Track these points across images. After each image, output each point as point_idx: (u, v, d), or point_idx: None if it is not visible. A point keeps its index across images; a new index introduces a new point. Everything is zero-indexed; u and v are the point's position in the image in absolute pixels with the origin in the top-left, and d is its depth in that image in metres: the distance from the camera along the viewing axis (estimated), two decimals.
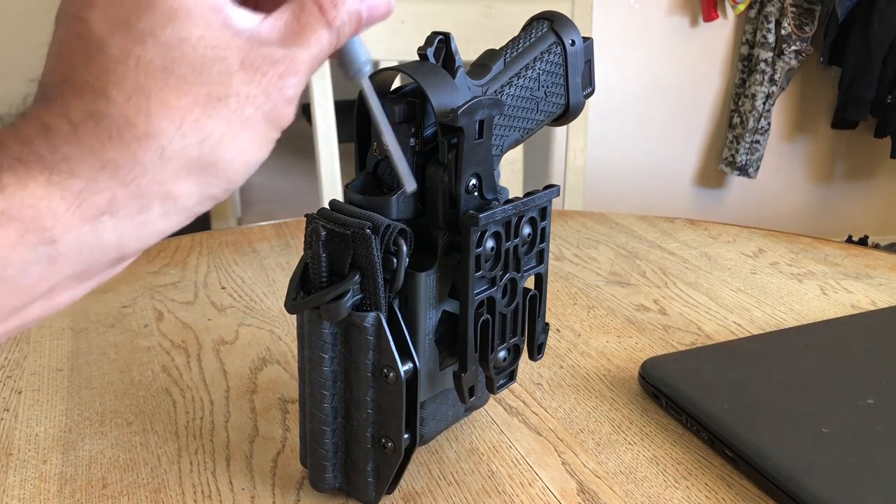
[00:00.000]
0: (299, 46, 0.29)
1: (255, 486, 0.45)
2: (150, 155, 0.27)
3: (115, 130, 0.26)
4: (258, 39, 0.29)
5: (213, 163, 0.28)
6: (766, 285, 0.73)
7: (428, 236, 0.40)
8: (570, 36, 0.45)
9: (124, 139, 0.26)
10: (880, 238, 2.78)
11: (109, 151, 0.26)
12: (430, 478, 0.45)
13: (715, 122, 2.50)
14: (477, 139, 0.39)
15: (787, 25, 2.28)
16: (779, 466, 0.43)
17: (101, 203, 0.27)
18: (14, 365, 0.58)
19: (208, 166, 0.28)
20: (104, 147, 0.26)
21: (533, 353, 0.46)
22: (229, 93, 0.28)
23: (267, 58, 0.29)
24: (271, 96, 0.29)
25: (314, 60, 0.30)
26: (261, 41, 0.29)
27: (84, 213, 0.26)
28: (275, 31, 0.29)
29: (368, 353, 0.39)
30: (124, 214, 0.27)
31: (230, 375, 0.57)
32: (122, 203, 0.27)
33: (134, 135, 0.27)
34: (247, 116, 0.28)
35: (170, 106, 0.27)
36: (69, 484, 0.45)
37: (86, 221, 0.27)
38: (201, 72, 0.27)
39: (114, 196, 0.27)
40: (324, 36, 0.30)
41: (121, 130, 0.26)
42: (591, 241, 0.85)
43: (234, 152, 0.29)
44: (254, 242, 0.83)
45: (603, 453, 0.48)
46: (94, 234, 0.27)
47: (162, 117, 0.27)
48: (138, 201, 0.27)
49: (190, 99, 0.27)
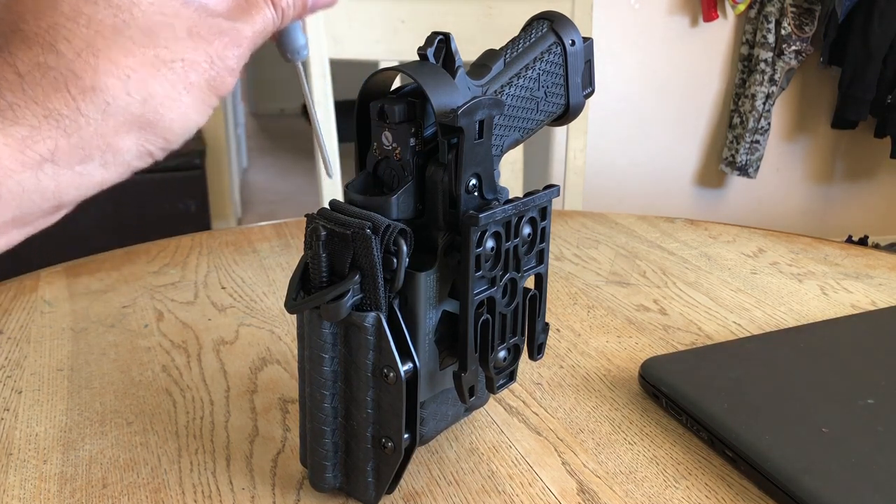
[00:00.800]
0: (244, 21, 0.31)
1: (255, 486, 0.45)
2: (94, 108, 0.28)
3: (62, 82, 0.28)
4: (206, 10, 0.30)
5: (155, 121, 0.30)
6: (766, 285, 0.73)
7: (428, 236, 0.40)
8: (570, 36, 0.45)
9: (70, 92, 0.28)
10: (880, 238, 2.78)
11: (54, 102, 0.28)
12: (430, 478, 0.45)
13: (715, 122, 2.50)
14: (477, 139, 0.39)
15: (787, 25, 2.28)
16: (779, 466, 0.43)
17: (44, 151, 0.28)
18: (14, 365, 0.58)
19: (149, 124, 0.29)
20: (49, 97, 0.27)
21: (533, 353, 0.46)
22: (175, 57, 0.29)
23: (213, 28, 0.30)
24: (215, 65, 0.30)
25: (257, 36, 0.32)
26: (209, 12, 0.30)
27: (26, 159, 0.27)
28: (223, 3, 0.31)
29: (368, 353, 0.39)
30: (65, 163, 0.28)
31: (230, 375, 0.57)
32: (63, 152, 0.28)
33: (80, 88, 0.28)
34: (190, 81, 0.30)
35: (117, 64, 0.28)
36: (69, 484, 0.45)
37: (27, 168, 0.28)
38: (149, 35, 0.29)
39: (56, 145, 0.28)
40: (268, 15, 0.32)
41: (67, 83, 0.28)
42: (591, 241, 0.85)
43: (176, 114, 0.30)
44: (254, 242, 0.83)
45: (603, 453, 0.48)
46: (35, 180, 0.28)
47: (109, 74, 0.28)
48: (80, 152, 0.28)
49: (137, 59, 0.29)
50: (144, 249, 0.80)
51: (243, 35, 0.31)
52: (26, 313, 0.66)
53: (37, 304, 0.68)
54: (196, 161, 2.20)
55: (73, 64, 0.28)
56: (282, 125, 4.67)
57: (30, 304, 0.68)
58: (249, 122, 4.59)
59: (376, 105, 0.40)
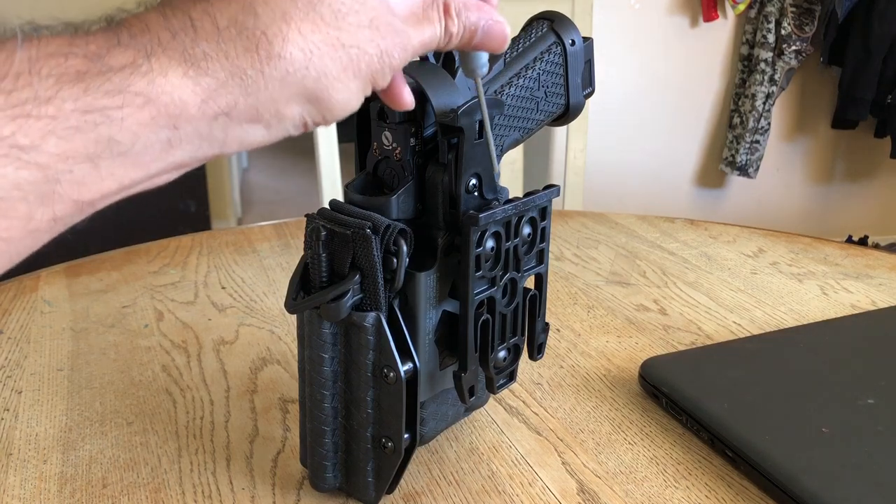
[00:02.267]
0: (415, 29, 0.33)
1: (255, 486, 0.45)
2: (277, 75, 0.29)
3: (254, 44, 0.29)
4: (388, 7, 0.32)
5: (322, 98, 0.31)
6: (766, 285, 0.73)
7: (428, 236, 0.40)
8: (570, 36, 0.45)
9: (259, 54, 0.29)
10: (880, 238, 2.78)
11: (243, 61, 0.29)
12: (430, 478, 0.45)
13: (715, 122, 2.50)
14: (477, 139, 0.39)
15: (787, 25, 2.28)
16: (779, 466, 0.43)
17: (223, 104, 0.29)
18: (14, 365, 0.58)
19: (317, 99, 0.31)
20: (240, 56, 0.29)
21: (533, 353, 0.46)
22: (354, 43, 0.31)
23: (390, 25, 0.32)
24: (383, 59, 0.32)
25: (421, 47, 0.34)
26: (389, 9, 0.32)
27: (207, 109, 0.29)
28: (403, 7, 0.33)
29: (368, 353, 0.39)
30: (238, 120, 0.30)
31: (230, 375, 0.57)
32: (240, 110, 0.29)
33: (268, 53, 0.29)
34: (360, 68, 0.31)
35: (305, 37, 0.30)
36: (69, 484, 0.45)
37: (206, 117, 0.29)
38: (338, 16, 0.30)
39: (235, 101, 0.29)
40: (438, 32, 0.34)
41: (258, 45, 0.29)
42: (591, 241, 0.85)
43: (342, 95, 0.31)
44: (254, 242, 0.83)
45: (603, 453, 0.48)
46: (209, 129, 0.29)
47: (296, 45, 0.29)
48: (253, 111, 0.30)
49: (322, 36, 0.30)
50: (144, 249, 0.80)
51: (411, 41, 0.33)
52: (26, 313, 0.66)
53: (37, 304, 0.68)
54: None
55: (268, 28, 0.29)
56: None
57: (30, 304, 0.68)
58: None
59: (376, 105, 0.40)
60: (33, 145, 0.26)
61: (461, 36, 0.35)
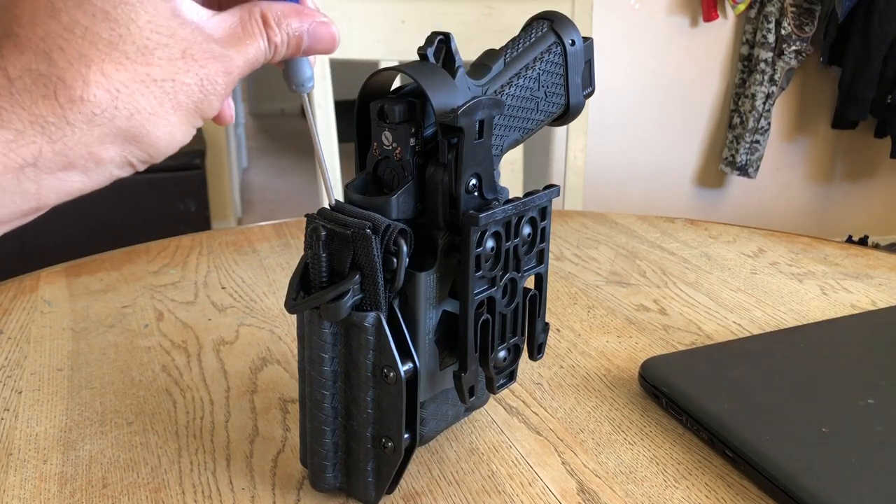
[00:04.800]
0: (237, 50, 0.32)
1: (255, 486, 0.45)
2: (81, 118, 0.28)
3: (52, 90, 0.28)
4: (202, 34, 0.31)
5: (140, 136, 0.30)
6: (766, 285, 0.73)
7: (428, 236, 0.40)
8: (570, 36, 0.45)
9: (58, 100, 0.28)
10: (880, 238, 2.78)
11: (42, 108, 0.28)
12: (430, 478, 0.45)
13: (715, 122, 2.50)
14: (477, 139, 0.39)
15: (787, 25, 2.28)
16: (779, 466, 0.43)
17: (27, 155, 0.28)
18: (14, 365, 0.58)
19: (134, 138, 0.30)
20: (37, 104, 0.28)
21: (533, 353, 0.46)
22: (166, 77, 0.30)
23: (207, 52, 0.31)
24: (204, 88, 0.31)
25: (247, 66, 0.33)
26: (204, 36, 0.31)
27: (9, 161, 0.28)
28: (219, 30, 0.32)
29: (368, 353, 0.39)
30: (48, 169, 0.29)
31: (230, 375, 0.57)
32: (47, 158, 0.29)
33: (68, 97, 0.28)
34: (178, 101, 0.30)
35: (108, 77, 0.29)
36: (69, 484, 0.45)
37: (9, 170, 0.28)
38: (144, 52, 0.29)
39: (40, 150, 0.28)
40: (261, 47, 0.33)
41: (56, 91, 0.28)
42: (591, 241, 0.85)
43: (161, 131, 0.30)
44: (254, 242, 0.83)
45: (603, 453, 0.48)
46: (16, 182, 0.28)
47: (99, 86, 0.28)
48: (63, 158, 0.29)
49: (129, 74, 0.29)
50: (144, 249, 0.80)
51: (234, 63, 0.32)
52: (26, 313, 0.66)
53: (37, 304, 0.68)
54: (196, 161, 2.20)
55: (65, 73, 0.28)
56: (282, 125, 4.67)
57: (30, 304, 0.68)
58: (249, 122, 4.59)
59: (376, 105, 0.40)
60: None
61: (287, 45, 0.34)
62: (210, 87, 0.31)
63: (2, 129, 0.27)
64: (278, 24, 0.33)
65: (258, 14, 0.33)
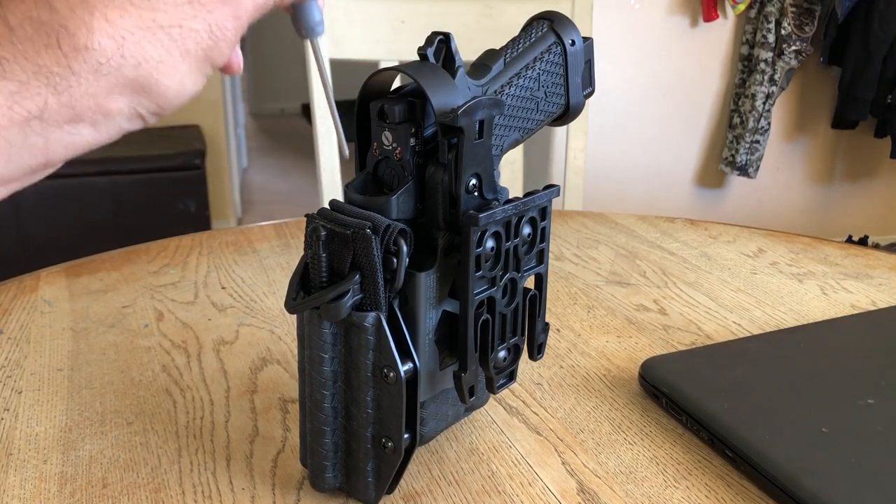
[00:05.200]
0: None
1: (255, 486, 0.45)
2: (87, 68, 0.27)
3: (54, 39, 0.27)
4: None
5: (148, 86, 0.29)
6: (766, 285, 0.73)
7: (428, 236, 0.40)
8: (570, 36, 0.45)
9: (62, 48, 0.27)
10: (880, 238, 2.78)
11: (45, 58, 0.27)
12: (430, 478, 0.45)
13: (715, 122, 2.50)
14: (477, 139, 0.39)
15: (787, 25, 2.28)
16: (779, 466, 0.43)
17: (32, 107, 0.27)
18: (14, 365, 0.58)
19: (143, 89, 0.29)
20: (39, 53, 0.27)
21: (533, 353, 0.46)
22: (173, 23, 0.28)
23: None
24: (213, 34, 0.30)
25: (256, 10, 0.31)
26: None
27: (14, 114, 0.27)
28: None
29: (368, 353, 0.39)
30: (54, 121, 0.28)
31: (230, 375, 0.57)
32: (53, 110, 0.27)
33: (72, 45, 0.27)
34: (187, 48, 0.29)
35: (113, 24, 0.27)
36: (69, 484, 0.45)
37: (14, 123, 0.27)
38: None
39: (45, 102, 0.27)
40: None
41: (59, 39, 0.27)
42: (591, 241, 0.85)
43: (171, 80, 0.29)
44: (254, 242, 0.83)
45: (603, 453, 0.48)
46: (22, 136, 0.27)
47: (103, 34, 0.27)
48: (69, 110, 0.28)
49: (134, 21, 0.28)
50: (144, 249, 0.80)
51: (243, 7, 0.31)
52: (26, 313, 0.66)
53: (37, 304, 0.68)
54: (196, 161, 2.20)
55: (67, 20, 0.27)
56: (282, 125, 4.67)
57: (30, 304, 0.68)
58: (249, 122, 4.59)
59: (376, 105, 0.40)
60: None
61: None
62: (219, 33, 0.30)
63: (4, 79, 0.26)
64: None
65: None
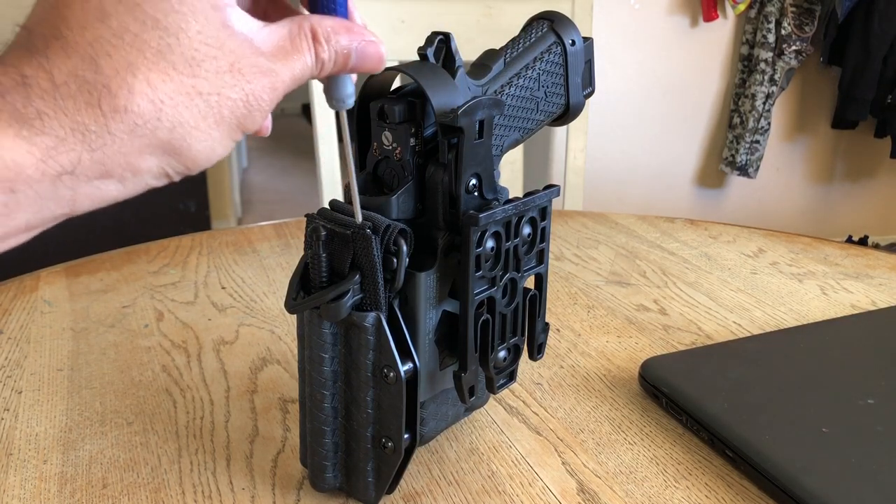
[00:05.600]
0: (284, 64, 0.31)
1: (255, 486, 0.45)
2: (123, 128, 0.28)
3: (96, 98, 0.27)
4: (251, 47, 0.30)
5: (180, 149, 0.29)
6: (766, 285, 0.73)
7: (428, 236, 0.40)
8: (570, 36, 0.45)
9: (101, 108, 0.27)
10: (880, 238, 2.78)
11: (84, 116, 0.27)
12: (430, 478, 0.45)
13: (715, 122, 2.50)
14: (477, 139, 0.39)
15: (787, 25, 2.28)
16: (779, 466, 0.43)
17: (66, 163, 0.27)
18: (14, 365, 0.58)
19: (174, 151, 0.29)
20: (80, 111, 0.27)
21: (533, 353, 0.46)
22: (212, 90, 0.29)
23: (255, 67, 0.30)
24: (249, 104, 0.30)
25: (293, 82, 0.32)
26: (253, 49, 0.30)
27: (48, 168, 0.27)
28: (268, 43, 0.31)
29: (368, 353, 0.39)
30: (85, 177, 0.28)
31: (230, 375, 0.57)
32: (85, 166, 0.28)
33: (112, 106, 0.27)
34: (222, 116, 0.30)
35: (154, 87, 0.28)
36: (69, 484, 0.45)
37: (47, 177, 0.27)
38: (192, 64, 0.28)
39: (79, 158, 0.28)
40: (308, 63, 0.32)
41: (100, 99, 0.27)
42: (591, 241, 0.85)
43: (202, 145, 0.30)
44: (254, 242, 0.83)
45: (603, 453, 0.48)
46: (53, 188, 0.28)
47: (143, 97, 0.28)
48: (101, 167, 0.28)
49: (174, 86, 0.28)
50: (144, 249, 0.80)
51: (281, 79, 0.31)
52: (26, 313, 0.66)
53: (37, 304, 0.68)
54: None
55: (111, 81, 0.27)
56: (282, 125, 4.67)
57: (30, 304, 0.68)
58: None
59: (376, 105, 0.40)
60: None
61: (334, 62, 0.33)
62: (255, 103, 0.30)
63: (43, 135, 0.27)
64: (327, 40, 0.32)
65: (308, 28, 0.32)
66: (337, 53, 0.33)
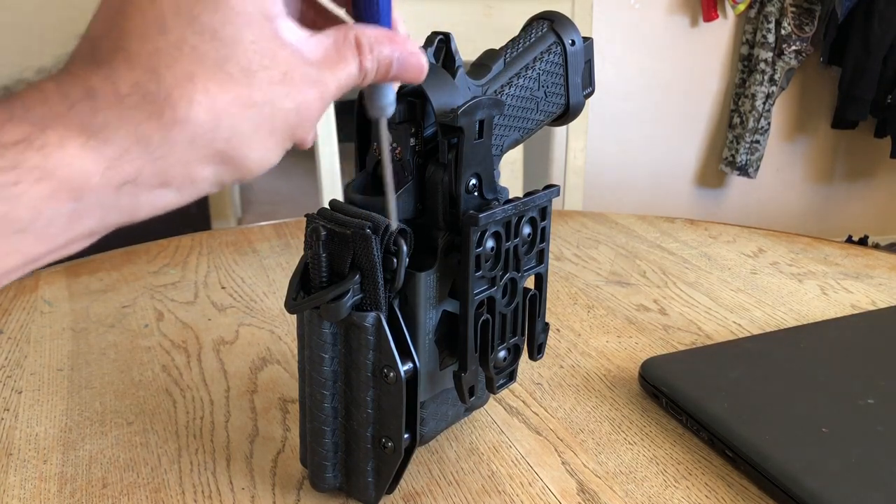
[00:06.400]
0: (331, 72, 0.32)
1: (255, 486, 0.45)
2: (182, 138, 0.28)
3: (157, 109, 0.28)
4: (301, 56, 0.31)
5: (234, 158, 0.30)
6: (766, 285, 0.73)
7: (428, 236, 0.40)
8: (570, 36, 0.45)
9: (163, 118, 0.28)
10: (880, 238, 2.78)
11: (147, 127, 0.28)
12: (430, 478, 0.45)
13: (715, 122, 2.50)
14: (477, 139, 0.39)
15: (787, 25, 2.28)
16: (779, 466, 0.43)
17: (128, 172, 0.28)
18: (14, 365, 0.58)
19: (230, 160, 0.30)
20: (143, 122, 0.28)
21: (533, 353, 0.46)
22: (266, 100, 0.30)
23: (305, 77, 0.31)
24: (300, 113, 0.31)
25: (338, 90, 0.32)
26: (303, 59, 0.31)
27: (111, 178, 0.28)
28: (316, 52, 0.31)
29: (368, 353, 0.39)
30: (145, 185, 0.29)
31: (230, 375, 0.57)
32: (146, 175, 0.28)
33: (173, 117, 0.28)
34: (275, 126, 0.30)
35: (213, 98, 0.28)
36: (69, 484, 0.45)
37: (110, 186, 0.28)
38: (247, 74, 0.29)
39: (141, 168, 0.28)
40: (353, 71, 0.32)
41: (162, 110, 0.28)
42: (591, 241, 0.85)
43: (256, 154, 0.30)
44: (254, 242, 0.83)
45: (603, 453, 0.48)
46: (115, 197, 0.28)
47: (202, 107, 0.28)
48: (160, 177, 0.29)
49: (231, 97, 0.29)
50: (144, 249, 0.80)
51: (328, 88, 0.32)
52: (26, 313, 0.66)
53: (37, 304, 0.68)
54: None
55: (172, 92, 0.28)
56: None
57: (30, 304, 0.68)
58: None
59: None
60: None
61: (376, 71, 0.33)
62: (305, 113, 0.31)
63: (108, 145, 0.27)
64: (371, 49, 0.33)
65: (352, 37, 0.32)
66: (379, 63, 0.33)
